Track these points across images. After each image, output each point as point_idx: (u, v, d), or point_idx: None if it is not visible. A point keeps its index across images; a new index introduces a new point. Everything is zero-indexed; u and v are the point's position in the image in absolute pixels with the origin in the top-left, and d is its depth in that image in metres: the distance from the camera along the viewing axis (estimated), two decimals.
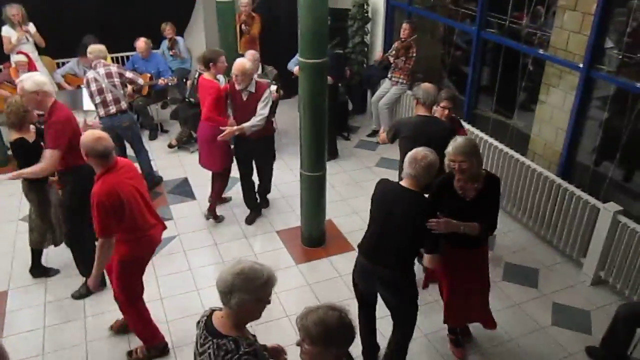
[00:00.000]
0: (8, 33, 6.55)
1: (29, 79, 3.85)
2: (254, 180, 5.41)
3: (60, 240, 4.56)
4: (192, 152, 6.84)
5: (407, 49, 6.55)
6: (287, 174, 6.28)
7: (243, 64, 4.70)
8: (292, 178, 6.01)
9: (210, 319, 2.21)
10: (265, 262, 2.25)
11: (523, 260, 4.91)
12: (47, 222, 4.38)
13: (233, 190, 5.76)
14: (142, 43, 7.06)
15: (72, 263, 4.49)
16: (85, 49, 7.07)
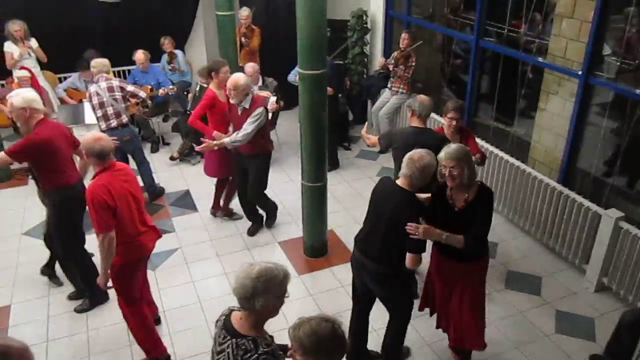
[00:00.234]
0: (10, 49, 6.62)
1: (18, 96, 3.87)
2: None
3: None
4: (193, 164, 6.87)
5: (406, 58, 6.58)
6: (288, 185, 6.29)
7: (236, 80, 4.65)
8: (293, 189, 6.02)
9: (229, 319, 2.27)
10: None
11: (525, 268, 4.90)
12: None
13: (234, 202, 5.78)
14: (140, 54, 7.11)
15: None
16: (87, 64, 7.13)
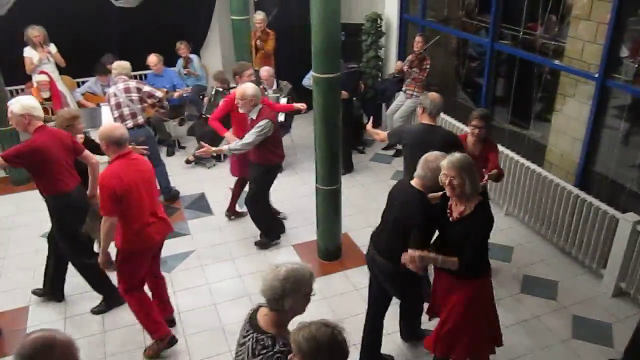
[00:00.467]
0: (30, 54, 6.73)
1: (17, 103, 3.93)
2: (270, 203, 5.44)
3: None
4: (208, 167, 6.91)
5: (421, 61, 6.57)
6: (302, 188, 6.31)
7: (243, 90, 4.67)
8: (307, 192, 6.03)
9: (255, 314, 2.35)
10: None
11: (542, 272, 4.85)
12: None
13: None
14: (153, 57, 7.20)
15: None
16: (103, 68, 7.22)
